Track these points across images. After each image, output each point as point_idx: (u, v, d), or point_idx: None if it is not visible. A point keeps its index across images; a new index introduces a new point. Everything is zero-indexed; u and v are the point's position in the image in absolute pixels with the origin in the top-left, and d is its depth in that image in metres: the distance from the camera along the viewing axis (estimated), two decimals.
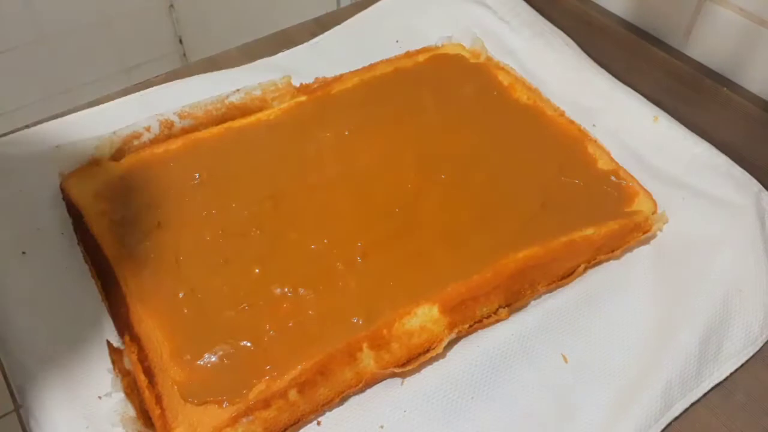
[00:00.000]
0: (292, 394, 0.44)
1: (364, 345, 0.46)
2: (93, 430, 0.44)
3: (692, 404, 0.48)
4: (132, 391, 0.45)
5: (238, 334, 0.47)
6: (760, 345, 0.51)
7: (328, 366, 0.45)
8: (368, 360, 0.46)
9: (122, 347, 0.47)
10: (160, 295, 0.49)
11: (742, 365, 0.50)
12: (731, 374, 0.49)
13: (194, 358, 0.46)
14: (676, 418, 0.47)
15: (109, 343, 0.46)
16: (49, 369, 0.47)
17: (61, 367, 0.47)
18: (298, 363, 0.45)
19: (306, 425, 0.45)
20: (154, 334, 0.46)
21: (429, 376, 0.48)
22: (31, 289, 0.51)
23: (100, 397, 0.45)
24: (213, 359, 0.46)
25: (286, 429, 0.45)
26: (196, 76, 0.69)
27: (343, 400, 0.46)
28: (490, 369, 0.48)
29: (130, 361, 0.46)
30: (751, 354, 0.50)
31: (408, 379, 0.47)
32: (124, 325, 0.47)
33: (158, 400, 0.44)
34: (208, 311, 0.48)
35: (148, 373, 0.45)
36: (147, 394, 0.44)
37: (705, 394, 0.48)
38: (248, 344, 0.46)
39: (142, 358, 0.45)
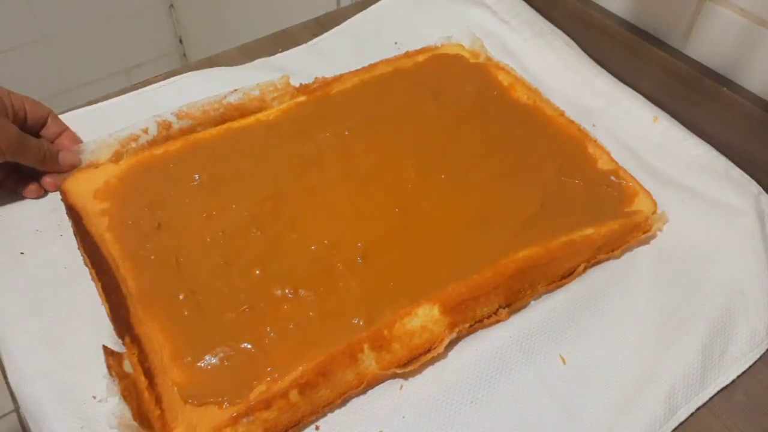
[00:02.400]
0: (293, 395, 0.44)
1: (365, 346, 0.46)
2: (89, 431, 0.44)
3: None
4: (129, 394, 0.45)
5: (238, 336, 0.47)
6: (766, 347, 0.51)
7: (329, 367, 0.45)
8: (369, 361, 0.46)
9: (121, 350, 0.47)
10: (161, 297, 0.49)
11: None
12: None
13: (195, 360, 0.45)
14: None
15: (105, 348, 0.46)
16: (47, 371, 0.46)
17: (58, 368, 0.47)
18: (299, 364, 0.45)
19: (305, 427, 0.45)
20: (155, 335, 0.46)
21: (428, 380, 0.47)
22: (29, 290, 0.51)
23: (94, 397, 0.45)
24: (213, 361, 0.46)
25: (286, 430, 0.45)
26: (195, 72, 0.69)
27: (344, 401, 0.46)
28: (490, 372, 0.48)
29: (130, 363, 0.46)
30: (757, 357, 0.50)
31: (407, 383, 0.47)
32: (124, 326, 0.47)
33: (158, 401, 0.44)
34: (208, 313, 0.48)
35: (148, 374, 0.45)
36: (147, 395, 0.44)
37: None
38: (249, 346, 0.46)
39: (143, 360, 0.45)
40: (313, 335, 0.47)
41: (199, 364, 0.45)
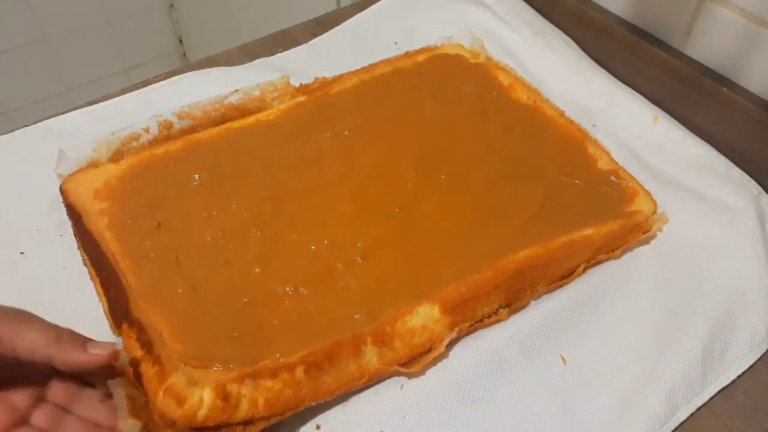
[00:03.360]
0: (299, 372, 0.44)
1: (368, 340, 0.46)
2: None
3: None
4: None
5: (240, 324, 0.47)
6: (766, 347, 0.51)
7: (335, 351, 0.45)
8: (371, 356, 0.46)
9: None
10: (161, 291, 0.48)
11: None
12: None
13: (196, 339, 0.45)
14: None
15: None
16: None
17: None
18: (305, 349, 0.45)
19: (305, 426, 0.45)
20: (155, 319, 0.46)
21: (428, 380, 0.47)
22: (29, 290, 0.51)
23: None
24: (215, 340, 0.45)
25: (284, 411, 0.44)
26: (195, 72, 0.69)
27: (345, 395, 0.46)
28: (490, 372, 0.48)
29: (124, 345, 0.45)
30: (757, 357, 0.50)
31: (407, 383, 0.47)
32: (122, 314, 0.47)
33: (156, 361, 0.43)
34: (209, 306, 0.48)
35: (147, 345, 0.44)
36: (143, 364, 0.43)
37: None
38: (251, 332, 0.46)
39: (141, 336, 0.45)
40: (316, 328, 0.47)
41: (200, 342, 0.45)
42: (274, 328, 0.47)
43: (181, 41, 1.60)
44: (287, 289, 0.49)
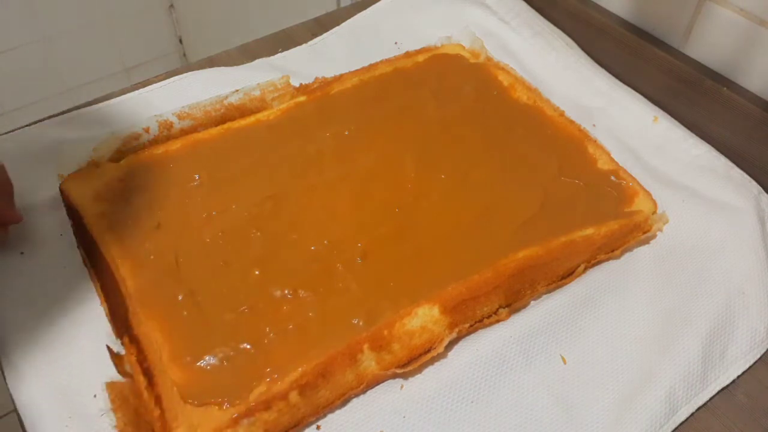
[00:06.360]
0: (293, 396, 0.44)
1: (365, 346, 0.46)
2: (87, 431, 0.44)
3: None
4: (123, 403, 0.44)
5: (237, 337, 0.47)
6: (766, 347, 0.51)
7: (329, 368, 0.45)
8: (369, 361, 0.46)
9: (120, 351, 0.47)
10: (160, 298, 0.49)
11: None
12: None
13: (194, 360, 0.45)
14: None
15: (109, 348, 0.46)
16: (45, 371, 0.47)
17: (57, 369, 0.47)
18: (299, 365, 0.45)
19: (306, 428, 0.45)
20: (154, 335, 0.46)
21: (428, 380, 0.47)
22: (28, 289, 0.51)
23: (95, 396, 0.45)
24: (212, 361, 0.46)
25: (286, 431, 0.45)
26: (195, 72, 0.69)
27: (344, 402, 0.46)
28: (490, 372, 0.48)
29: (128, 363, 0.46)
30: (758, 356, 0.50)
31: (408, 383, 0.47)
32: (123, 326, 0.47)
33: (157, 400, 0.44)
34: (207, 314, 0.48)
35: (147, 373, 0.45)
36: (146, 395, 0.44)
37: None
38: (248, 346, 0.46)
39: (141, 360, 0.45)
40: (313, 336, 0.47)
41: (198, 363, 0.45)
42: (271, 341, 0.47)
43: (181, 41, 1.60)
44: (286, 292, 0.49)
